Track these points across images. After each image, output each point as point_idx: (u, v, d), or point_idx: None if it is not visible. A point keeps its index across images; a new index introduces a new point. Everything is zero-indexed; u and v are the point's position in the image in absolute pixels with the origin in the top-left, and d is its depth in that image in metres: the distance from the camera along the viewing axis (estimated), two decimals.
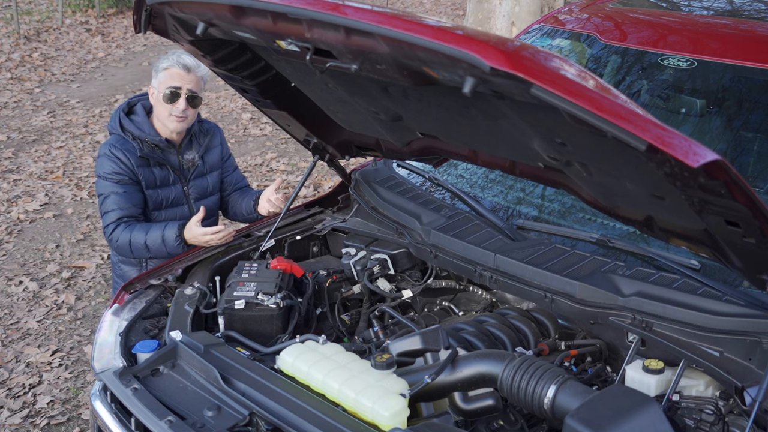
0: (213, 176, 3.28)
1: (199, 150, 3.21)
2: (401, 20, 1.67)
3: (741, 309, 2.01)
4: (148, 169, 3.07)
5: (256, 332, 2.42)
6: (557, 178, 2.18)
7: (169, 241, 2.92)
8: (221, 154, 3.31)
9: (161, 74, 3.04)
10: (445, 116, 2.16)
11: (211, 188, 3.27)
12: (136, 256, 3.03)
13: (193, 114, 3.09)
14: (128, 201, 3.02)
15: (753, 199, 1.51)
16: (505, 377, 1.91)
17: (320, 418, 1.90)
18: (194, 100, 3.05)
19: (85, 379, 4.09)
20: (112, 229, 2.99)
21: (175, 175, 3.15)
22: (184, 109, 3.03)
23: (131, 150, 3.03)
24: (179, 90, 3.01)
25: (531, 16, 7.28)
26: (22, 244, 5.60)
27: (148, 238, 2.95)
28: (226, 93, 8.96)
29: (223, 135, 3.36)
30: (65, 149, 7.37)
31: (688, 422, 1.92)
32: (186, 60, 3.03)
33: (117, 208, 3.00)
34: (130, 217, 3.02)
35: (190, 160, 3.18)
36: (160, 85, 3.04)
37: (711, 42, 2.88)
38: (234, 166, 3.39)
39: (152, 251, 2.97)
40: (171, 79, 3.02)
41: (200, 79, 3.07)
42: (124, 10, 13.25)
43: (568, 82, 1.49)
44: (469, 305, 2.73)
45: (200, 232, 2.85)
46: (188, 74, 3.02)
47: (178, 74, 3.02)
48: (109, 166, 3.02)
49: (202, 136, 3.24)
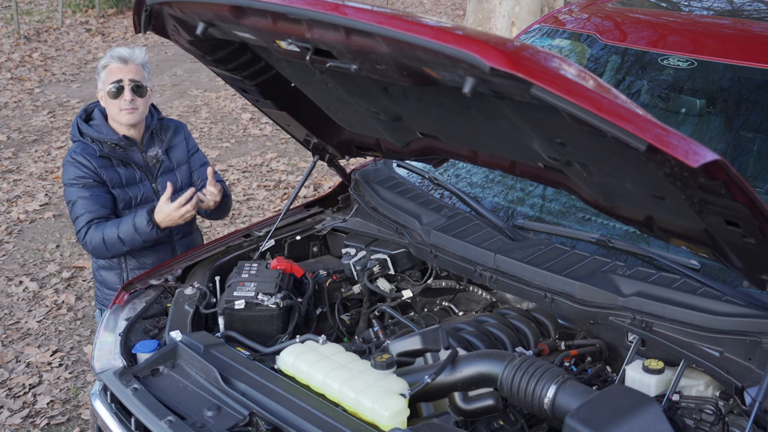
0: (181, 171, 3.25)
1: (162, 145, 3.19)
2: (401, 20, 1.67)
3: (741, 309, 2.01)
4: (111, 170, 3.07)
5: (256, 332, 2.42)
6: (557, 178, 2.18)
7: (141, 227, 2.90)
8: (186, 149, 3.29)
9: (102, 73, 3.06)
10: (445, 116, 2.16)
11: (180, 183, 3.23)
12: (113, 253, 3.00)
13: (143, 103, 3.07)
14: (96, 203, 3.00)
15: (753, 199, 1.51)
16: (505, 377, 1.91)
17: (320, 418, 1.90)
18: (139, 89, 3.04)
19: (85, 379, 4.09)
20: (84, 232, 2.98)
21: (141, 172, 3.13)
22: (132, 100, 3.02)
23: (91, 153, 3.03)
24: (121, 82, 3.01)
25: (531, 16, 7.28)
26: (22, 244, 5.60)
27: (120, 231, 2.93)
28: (226, 93, 8.96)
29: (188, 131, 3.35)
30: (65, 149, 7.37)
31: (688, 422, 1.92)
32: (121, 52, 3.04)
33: (86, 212, 2.98)
34: (100, 218, 3.00)
35: (153, 156, 3.17)
36: (104, 84, 3.05)
37: (711, 42, 2.88)
38: (202, 161, 3.35)
39: (127, 243, 2.95)
40: (111, 74, 3.03)
41: (140, 67, 3.06)
42: (124, 10, 13.25)
43: (568, 82, 1.49)
44: (469, 305, 2.73)
45: (171, 208, 2.84)
46: (126, 65, 3.03)
47: (116, 68, 3.03)
48: (72, 172, 3.02)
49: (164, 132, 3.22)
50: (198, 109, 8.60)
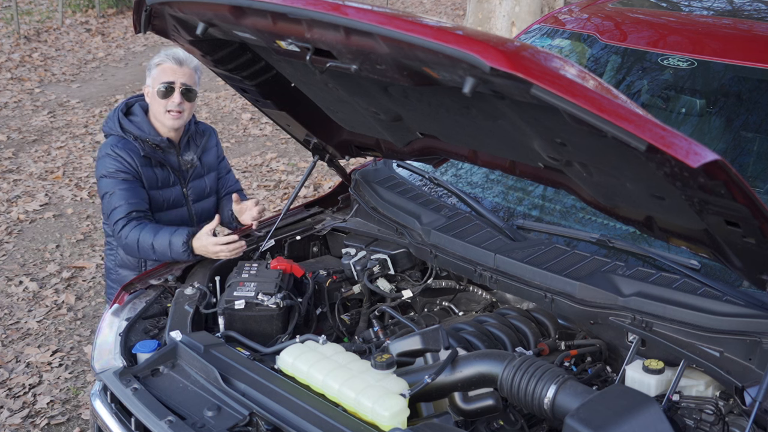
0: (210, 177, 3.25)
1: (197, 151, 3.18)
2: (401, 20, 1.67)
3: (741, 309, 2.01)
4: (150, 169, 3.05)
5: (256, 332, 2.42)
6: (557, 178, 2.18)
7: (176, 246, 2.81)
8: (217, 155, 3.29)
9: (154, 71, 3.03)
10: (445, 116, 2.16)
11: (208, 190, 3.24)
12: (142, 255, 2.96)
13: (189, 108, 3.06)
14: (135, 196, 2.96)
15: (753, 199, 1.51)
16: (505, 377, 1.91)
17: (320, 418, 1.91)
18: (189, 93, 3.03)
19: (85, 379, 4.09)
20: (123, 224, 2.91)
21: (174, 176, 3.12)
22: (180, 103, 3.00)
23: (134, 150, 3.00)
24: (173, 84, 2.99)
25: (531, 16, 7.28)
26: (22, 244, 5.60)
27: (155, 240, 2.86)
28: (226, 93, 8.96)
29: (218, 136, 3.34)
30: (65, 149, 7.37)
31: (688, 422, 1.92)
32: (177, 53, 3.01)
33: (125, 203, 2.92)
34: (139, 211, 2.95)
35: (188, 161, 3.16)
36: (154, 81, 3.02)
37: (711, 42, 2.88)
38: (228, 168, 3.36)
39: (158, 254, 2.88)
40: (164, 74, 2.99)
41: (194, 72, 3.05)
42: (124, 10, 13.25)
43: (568, 82, 1.49)
44: (469, 305, 2.73)
45: (211, 242, 2.74)
46: (180, 67, 3.00)
47: (170, 68, 3.00)
48: (112, 165, 2.97)
49: (199, 137, 3.22)
50: (198, 109, 8.60)
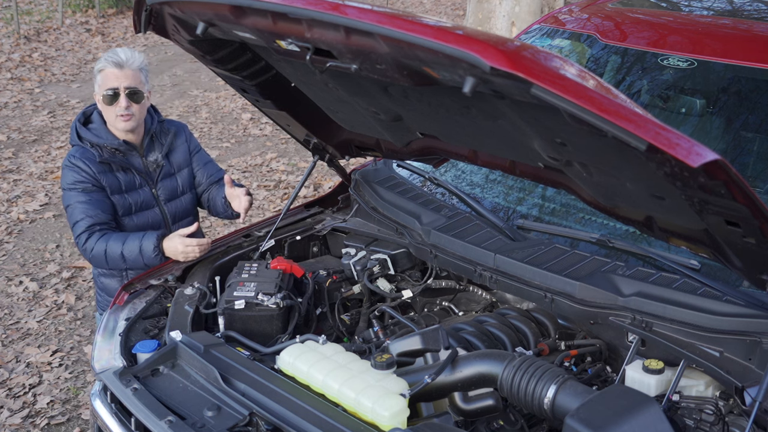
0: (182, 175, 3.20)
1: (162, 150, 3.13)
2: (401, 20, 1.67)
3: (741, 309, 2.01)
4: (111, 175, 3.01)
5: (256, 332, 2.42)
6: (557, 178, 2.18)
7: (147, 251, 2.82)
8: (188, 150, 3.23)
9: (98, 77, 2.99)
10: (445, 116, 2.16)
11: (181, 188, 3.19)
12: (111, 266, 2.95)
13: (138, 109, 3.00)
14: (95, 208, 2.93)
15: (753, 199, 1.51)
16: (505, 377, 1.91)
17: (320, 418, 1.90)
18: (135, 95, 2.97)
19: (85, 379, 4.09)
20: (85, 238, 2.90)
21: (141, 178, 3.07)
22: (127, 107, 2.95)
23: (90, 158, 2.97)
24: (117, 89, 2.94)
25: (531, 16, 7.28)
26: (22, 244, 5.60)
27: (125, 248, 2.85)
28: (226, 93, 8.96)
29: (189, 132, 3.27)
30: (65, 149, 7.37)
31: (688, 422, 1.92)
32: (118, 57, 2.95)
33: (85, 216, 2.91)
34: (101, 224, 2.93)
35: (153, 162, 3.11)
36: (99, 88, 2.98)
37: (711, 42, 2.88)
38: (205, 159, 3.28)
39: (128, 262, 2.87)
40: (107, 80, 2.95)
41: (137, 72, 2.98)
42: (124, 10, 13.25)
43: (568, 82, 1.49)
44: (469, 305, 2.73)
45: (181, 242, 2.75)
46: (122, 71, 2.94)
47: (112, 74, 2.94)
48: (70, 177, 2.96)
49: (164, 136, 3.15)
50: (198, 109, 8.60)
